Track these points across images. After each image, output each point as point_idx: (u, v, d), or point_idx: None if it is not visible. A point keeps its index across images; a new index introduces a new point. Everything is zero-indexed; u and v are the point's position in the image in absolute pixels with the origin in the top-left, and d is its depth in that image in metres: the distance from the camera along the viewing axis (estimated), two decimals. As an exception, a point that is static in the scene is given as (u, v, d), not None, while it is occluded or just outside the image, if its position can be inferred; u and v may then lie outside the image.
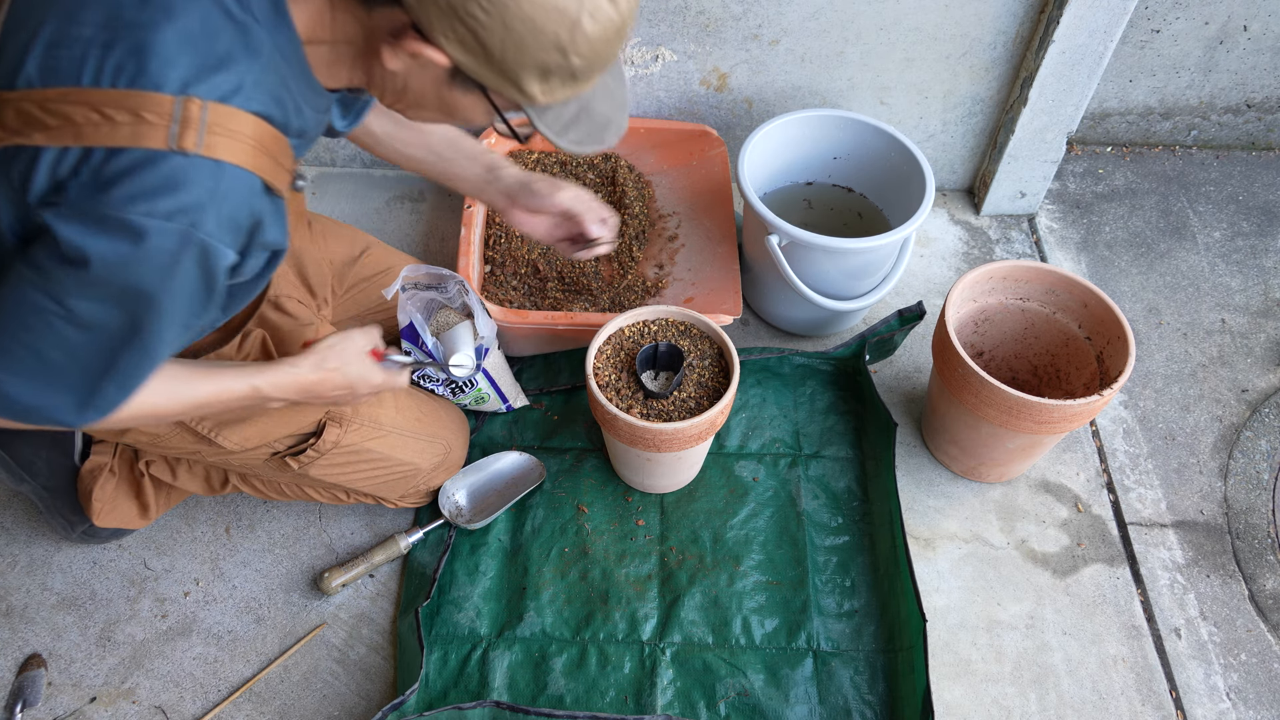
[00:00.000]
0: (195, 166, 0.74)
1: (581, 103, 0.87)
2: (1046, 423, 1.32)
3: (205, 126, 0.74)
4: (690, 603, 1.39)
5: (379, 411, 1.28)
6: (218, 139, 0.75)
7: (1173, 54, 1.96)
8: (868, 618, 1.38)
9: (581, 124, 0.90)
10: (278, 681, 1.33)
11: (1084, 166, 2.10)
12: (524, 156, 1.85)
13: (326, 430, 1.20)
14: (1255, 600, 1.45)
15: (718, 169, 1.83)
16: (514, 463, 1.51)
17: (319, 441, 1.20)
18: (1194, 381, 1.72)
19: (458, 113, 0.89)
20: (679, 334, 1.40)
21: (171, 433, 1.13)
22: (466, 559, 1.43)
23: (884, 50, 1.75)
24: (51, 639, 1.36)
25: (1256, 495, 1.57)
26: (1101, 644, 1.39)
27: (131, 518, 1.39)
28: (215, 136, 0.74)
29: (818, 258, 1.53)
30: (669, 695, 1.30)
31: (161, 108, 0.72)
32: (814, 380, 1.66)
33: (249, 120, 0.77)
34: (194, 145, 0.73)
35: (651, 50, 1.76)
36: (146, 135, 0.72)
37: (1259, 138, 2.14)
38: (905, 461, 1.58)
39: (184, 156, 0.73)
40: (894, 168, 1.68)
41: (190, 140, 0.73)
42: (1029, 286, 1.50)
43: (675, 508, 1.50)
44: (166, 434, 1.14)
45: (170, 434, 1.14)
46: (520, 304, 1.65)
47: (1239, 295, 1.85)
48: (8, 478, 1.32)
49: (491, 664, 1.32)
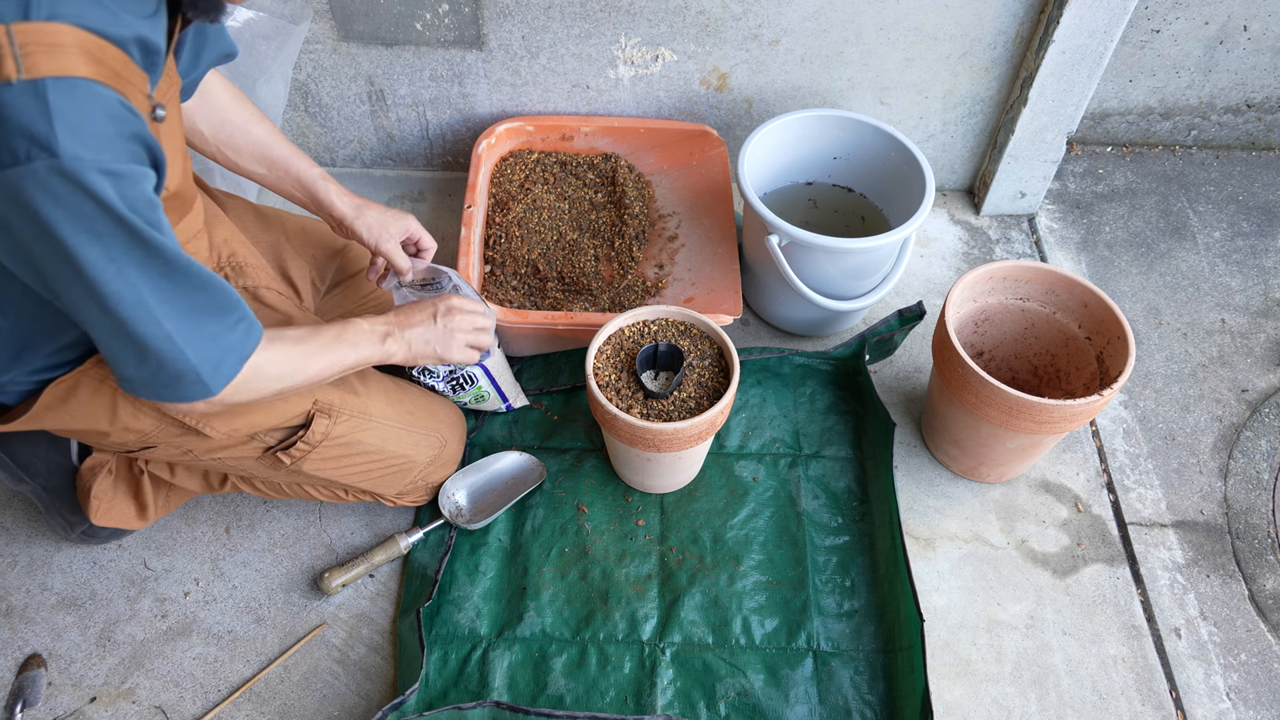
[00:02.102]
0: (23, 92, 0.71)
1: None
2: (1046, 423, 1.32)
3: (18, 48, 0.70)
4: (690, 603, 1.39)
5: (369, 403, 1.28)
6: (36, 57, 0.71)
7: (1173, 54, 1.96)
8: (868, 618, 1.38)
9: None
10: (278, 681, 1.33)
11: (1084, 166, 2.10)
12: (524, 157, 1.85)
13: (315, 421, 1.20)
14: (1255, 600, 1.45)
15: (718, 169, 1.83)
16: (514, 463, 1.51)
17: (308, 433, 1.20)
18: (1194, 381, 1.72)
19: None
20: (679, 334, 1.40)
21: (158, 427, 1.13)
22: (467, 559, 1.43)
23: (884, 50, 1.75)
24: (51, 639, 1.36)
25: (1256, 495, 1.57)
26: (1101, 644, 1.39)
27: (130, 518, 1.38)
28: (33, 56, 0.71)
29: (818, 258, 1.53)
30: (669, 695, 1.30)
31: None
32: (814, 380, 1.66)
33: (66, 30, 0.73)
34: (14, 72, 0.70)
35: (651, 50, 1.76)
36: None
37: (1259, 138, 2.14)
38: (905, 461, 1.58)
39: (8, 87, 0.70)
40: (894, 168, 1.68)
41: (9, 68, 0.70)
42: (1029, 286, 1.50)
43: (675, 508, 1.50)
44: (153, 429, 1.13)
45: (156, 428, 1.13)
46: (520, 304, 1.66)
47: (1239, 295, 1.85)
48: (7, 478, 1.32)
49: (491, 664, 1.32)
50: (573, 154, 1.88)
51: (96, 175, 0.75)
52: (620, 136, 1.86)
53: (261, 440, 1.19)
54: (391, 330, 1.16)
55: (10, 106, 0.71)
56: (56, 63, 0.72)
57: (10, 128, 0.71)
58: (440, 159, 2.01)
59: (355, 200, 1.29)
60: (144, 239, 0.81)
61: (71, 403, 1.06)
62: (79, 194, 0.75)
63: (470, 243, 1.62)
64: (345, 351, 1.10)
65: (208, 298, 0.90)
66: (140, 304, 0.84)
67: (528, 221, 1.74)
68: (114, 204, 0.77)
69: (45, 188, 0.73)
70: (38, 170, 0.72)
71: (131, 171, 0.79)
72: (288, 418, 1.19)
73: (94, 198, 0.76)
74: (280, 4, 1.65)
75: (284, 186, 1.28)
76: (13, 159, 0.72)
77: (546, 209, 1.77)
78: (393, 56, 1.79)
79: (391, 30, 1.74)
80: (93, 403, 1.07)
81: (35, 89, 0.71)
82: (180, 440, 1.16)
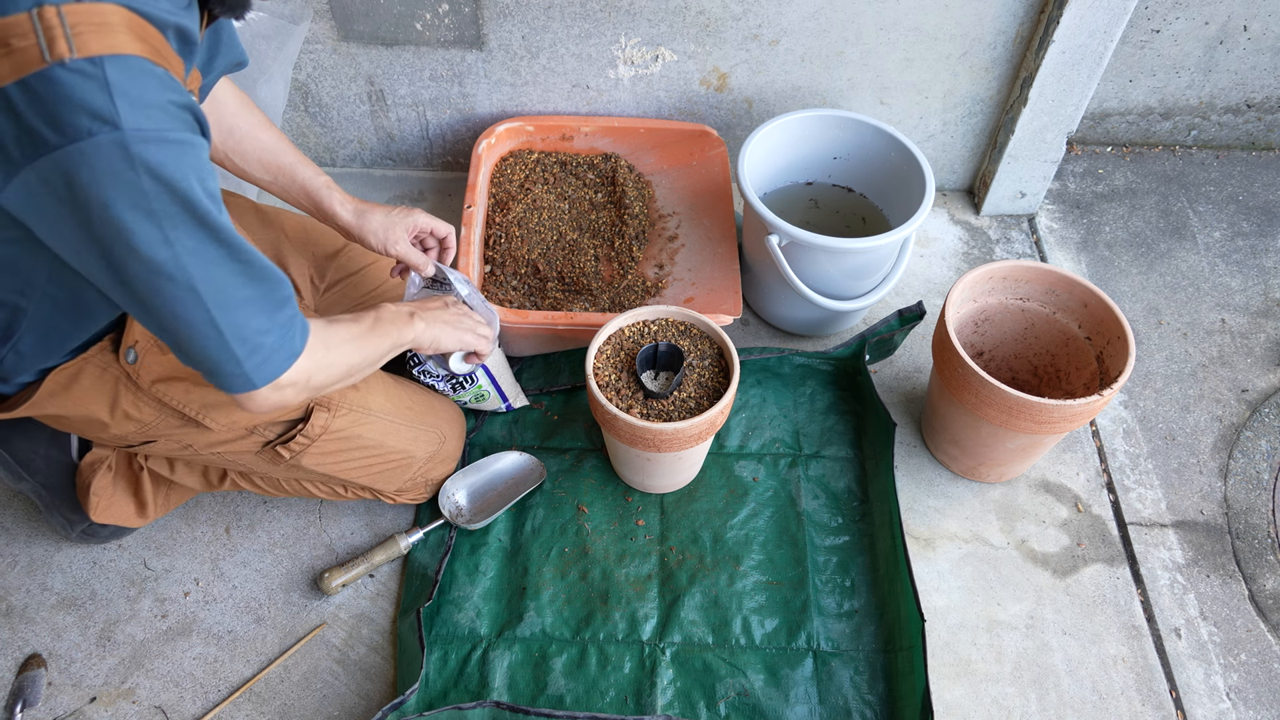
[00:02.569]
0: (80, 70, 0.72)
1: None
2: (1046, 423, 1.32)
3: (70, 28, 0.72)
4: (690, 603, 1.39)
5: (368, 397, 1.28)
6: (87, 36, 0.72)
7: (1173, 54, 1.96)
8: (868, 618, 1.38)
9: None
10: (278, 681, 1.33)
11: (1084, 166, 2.11)
12: (524, 157, 1.85)
13: (314, 415, 1.20)
14: (1255, 600, 1.45)
15: (718, 169, 1.83)
16: (514, 463, 1.51)
17: (307, 427, 1.20)
18: (1194, 381, 1.72)
19: None
20: (679, 334, 1.40)
21: (158, 418, 1.13)
22: (466, 559, 1.43)
23: (884, 50, 1.75)
24: (51, 639, 1.36)
25: (1256, 495, 1.57)
26: (1101, 644, 1.39)
27: (129, 515, 1.38)
28: (83, 35, 0.72)
29: (818, 258, 1.53)
30: (669, 695, 1.30)
31: (22, 28, 0.71)
32: (814, 380, 1.66)
33: (113, 9, 0.75)
34: (67, 50, 0.71)
35: (651, 50, 1.76)
36: (25, 60, 0.71)
37: (1259, 138, 2.14)
38: (905, 461, 1.58)
39: (63, 66, 0.71)
40: (894, 168, 1.68)
41: (61, 47, 0.71)
42: (1029, 286, 1.50)
43: (675, 508, 1.50)
44: (154, 420, 1.13)
45: (157, 419, 1.13)
46: (520, 304, 1.66)
47: (1239, 295, 1.85)
48: (7, 475, 1.32)
49: (491, 664, 1.32)
50: (573, 154, 1.88)
51: (158, 147, 0.76)
52: (620, 136, 1.86)
53: (261, 434, 1.20)
54: (415, 310, 1.20)
55: (69, 84, 0.72)
56: (106, 41, 0.73)
57: (71, 104, 0.72)
58: (440, 159, 2.01)
59: (358, 206, 1.29)
60: (203, 216, 0.81)
61: (74, 390, 1.06)
62: (139, 169, 0.75)
63: (470, 243, 1.62)
64: (388, 332, 1.13)
65: (260, 289, 0.90)
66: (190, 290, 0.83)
67: (528, 221, 1.74)
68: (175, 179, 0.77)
69: (108, 162, 0.74)
70: (101, 144, 0.73)
71: (191, 140, 0.80)
72: (287, 411, 1.19)
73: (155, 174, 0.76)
74: (280, 4, 1.65)
75: (290, 194, 1.28)
76: (75, 134, 0.72)
77: (546, 209, 1.77)
78: (393, 56, 1.79)
79: (391, 30, 1.74)
80: (94, 391, 1.07)
81: (93, 65, 0.72)
82: (180, 433, 1.16)
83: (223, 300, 0.86)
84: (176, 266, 0.81)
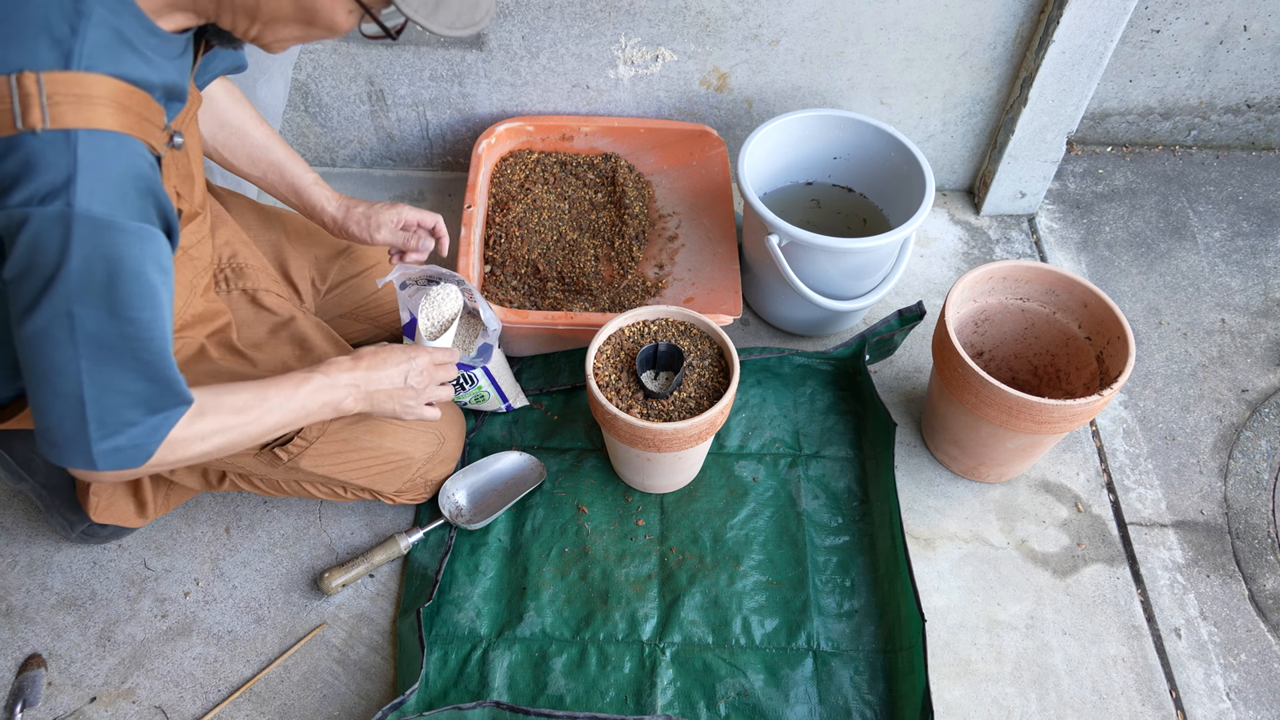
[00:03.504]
0: (47, 142, 0.71)
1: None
2: (1046, 423, 1.32)
3: (46, 98, 0.71)
4: (690, 603, 1.39)
5: None
6: (63, 108, 0.72)
7: (1173, 54, 1.96)
8: (868, 618, 1.38)
9: (450, 5, 0.87)
10: (278, 681, 1.33)
11: (1084, 166, 2.10)
12: (524, 157, 1.85)
13: None
14: (1255, 600, 1.45)
15: (718, 169, 1.83)
16: (514, 463, 1.51)
17: (305, 429, 1.20)
18: (1194, 381, 1.72)
19: (319, 16, 0.86)
20: (679, 334, 1.40)
21: None
22: (466, 559, 1.43)
23: (884, 50, 1.75)
24: (51, 639, 1.36)
25: (1256, 495, 1.57)
26: (1101, 644, 1.39)
27: (129, 515, 1.38)
28: (60, 106, 0.72)
29: (818, 258, 1.53)
30: (669, 695, 1.30)
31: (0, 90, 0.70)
32: (814, 380, 1.66)
33: (98, 80, 0.74)
34: (39, 121, 0.71)
35: (651, 50, 1.76)
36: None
37: (1259, 138, 2.14)
38: (905, 461, 1.58)
39: (34, 135, 0.71)
40: (894, 168, 1.68)
41: (35, 116, 0.71)
42: (1029, 286, 1.50)
43: (675, 508, 1.50)
44: None
45: None
46: (520, 304, 1.66)
47: (1239, 295, 1.85)
48: (7, 476, 1.32)
49: (491, 664, 1.32)
50: (573, 154, 1.88)
51: (101, 231, 0.75)
52: (620, 136, 1.86)
53: None
54: (357, 386, 1.10)
55: (38, 153, 0.71)
56: (83, 114, 0.73)
57: (32, 170, 0.72)
58: (440, 159, 2.01)
59: (343, 201, 1.29)
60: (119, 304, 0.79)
61: None
62: (74, 246, 0.75)
63: (470, 243, 1.62)
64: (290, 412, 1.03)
65: (150, 388, 0.86)
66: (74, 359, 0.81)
67: (528, 221, 1.74)
68: (112, 260, 0.77)
69: (47, 234, 0.74)
70: (49, 213, 0.73)
71: (140, 230, 0.79)
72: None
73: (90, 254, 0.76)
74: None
75: (278, 190, 1.28)
76: (27, 199, 0.72)
77: (546, 209, 1.77)
78: (393, 56, 1.79)
79: (391, 30, 1.74)
80: None
81: (67, 139, 0.72)
82: None
83: (101, 381, 0.83)
84: (69, 335, 0.79)
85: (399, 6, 0.84)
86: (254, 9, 0.84)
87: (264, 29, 0.88)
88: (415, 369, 1.15)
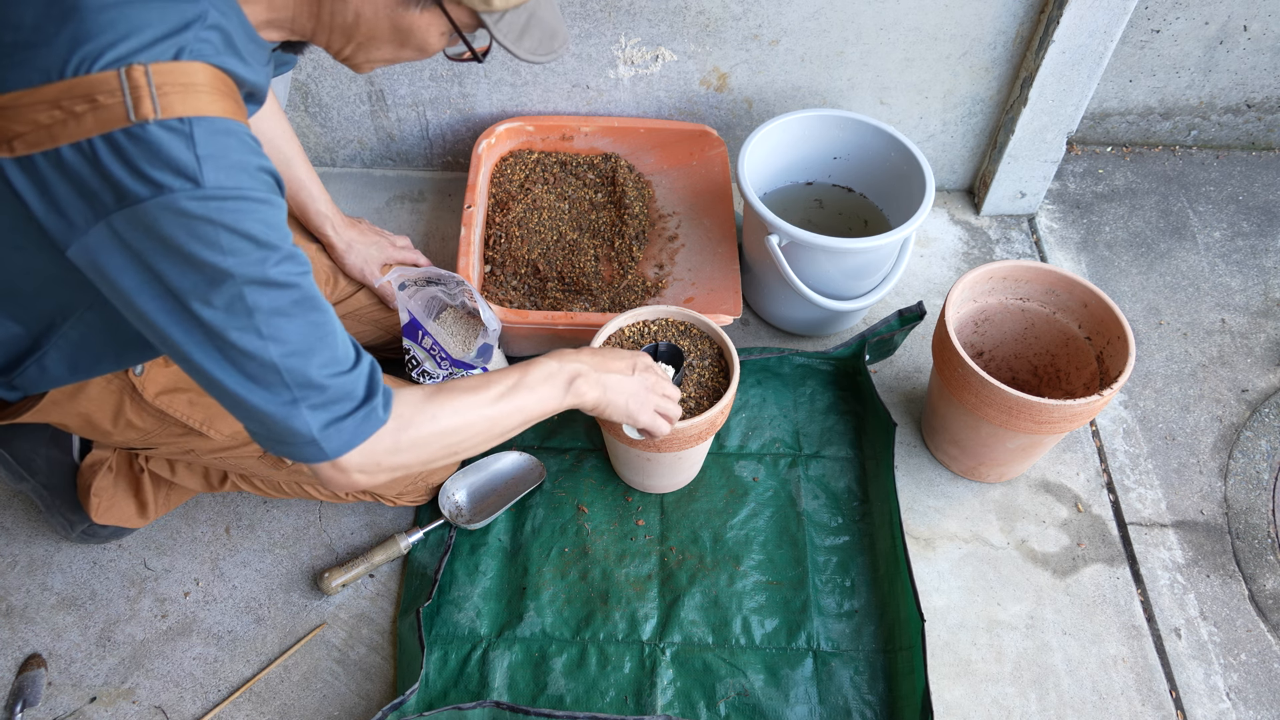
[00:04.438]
0: (164, 128, 0.72)
1: (529, 10, 0.88)
2: (1046, 423, 1.32)
3: (155, 89, 0.72)
4: (690, 603, 1.39)
5: None
6: (172, 97, 0.73)
7: (1173, 54, 1.96)
8: (868, 618, 1.38)
9: (533, 32, 0.89)
10: (278, 681, 1.33)
11: (1084, 166, 2.11)
12: (524, 157, 1.85)
13: None
14: (1255, 600, 1.45)
15: (718, 169, 1.83)
16: (514, 463, 1.51)
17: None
18: (1194, 381, 1.72)
19: (412, 37, 0.87)
20: (679, 334, 1.40)
21: (161, 427, 1.12)
22: (466, 559, 1.43)
23: (884, 50, 1.75)
24: (51, 639, 1.36)
25: (1256, 495, 1.57)
26: (1101, 644, 1.39)
27: (130, 516, 1.38)
28: (169, 96, 0.72)
29: (818, 258, 1.53)
30: (669, 695, 1.30)
31: (109, 85, 0.71)
32: (814, 380, 1.66)
33: (200, 68, 0.75)
34: (151, 112, 0.72)
35: (651, 50, 1.76)
36: (110, 117, 0.71)
37: (1259, 138, 2.14)
38: (905, 461, 1.58)
39: (145, 126, 0.72)
40: (894, 168, 1.68)
41: (146, 108, 0.71)
42: (1029, 286, 1.50)
43: (675, 508, 1.50)
44: (156, 429, 1.13)
45: (159, 428, 1.13)
46: (520, 304, 1.66)
47: (1239, 295, 1.85)
48: (8, 475, 1.32)
49: (491, 664, 1.32)
50: (573, 154, 1.88)
51: (237, 204, 0.76)
52: (620, 136, 1.86)
53: None
54: (583, 371, 1.08)
55: (157, 141, 0.72)
56: (191, 103, 0.74)
57: (158, 160, 0.72)
58: (440, 159, 2.01)
59: (350, 235, 1.40)
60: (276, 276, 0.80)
61: (79, 399, 1.06)
62: (219, 225, 0.75)
63: (470, 243, 1.62)
64: (525, 403, 1.02)
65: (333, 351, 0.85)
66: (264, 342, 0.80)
67: (528, 221, 1.74)
68: (254, 234, 0.77)
69: (189, 217, 0.74)
70: (181, 200, 0.73)
71: (270, 199, 0.79)
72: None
73: (234, 229, 0.76)
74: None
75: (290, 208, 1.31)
76: (158, 189, 0.72)
77: (546, 209, 1.77)
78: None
79: (391, 30, 1.74)
80: (99, 400, 1.07)
81: (182, 124, 0.73)
82: (182, 440, 1.16)
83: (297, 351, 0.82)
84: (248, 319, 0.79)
85: (491, 32, 0.86)
86: (351, 29, 0.86)
87: (358, 49, 0.89)
88: (641, 364, 1.17)
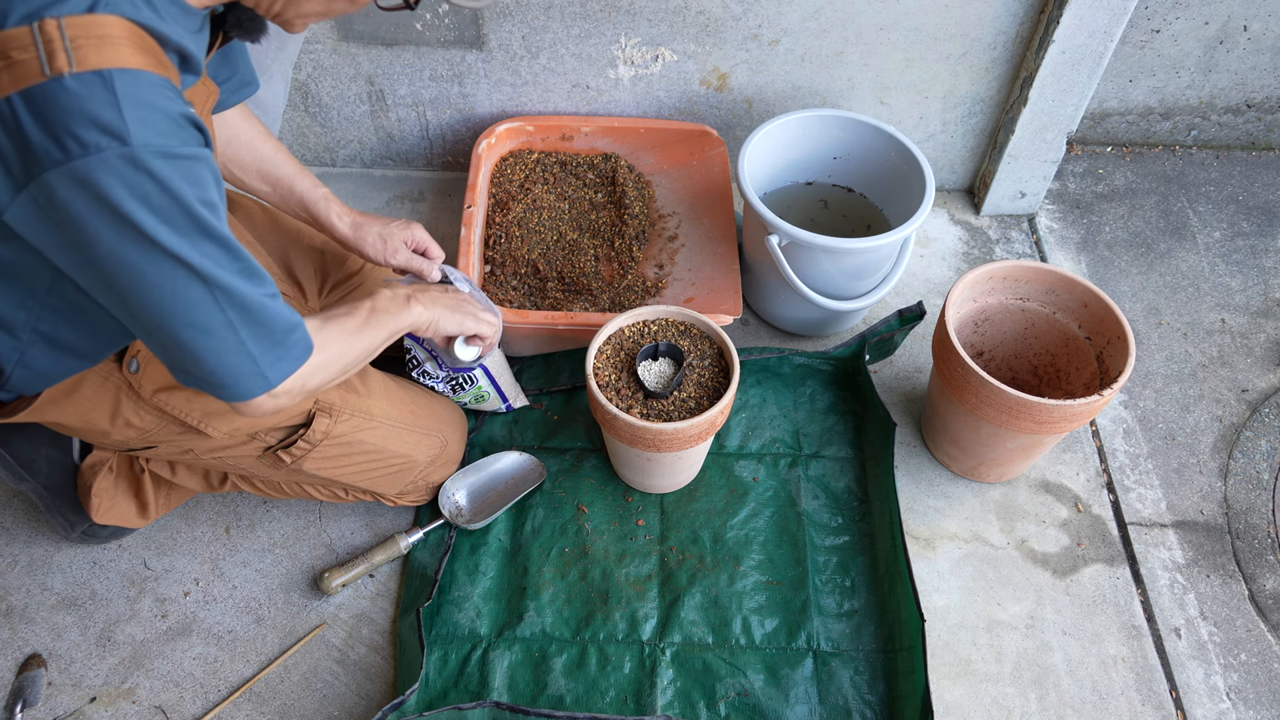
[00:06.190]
0: (82, 83, 0.71)
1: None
2: (1046, 423, 1.32)
3: (70, 41, 0.71)
4: (690, 603, 1.39)
5: (370, 402, 1.28)
6: (87, 50, 0.71)
7: (1173, 54, 1.96)
8: (868, 618, 1.38)
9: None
10: (278, 681, 1.33)
11: (1084, 166, 2.10)
12: (524, 157, 1.85)
13: (316, 420, 1.20)
14: (1255, 600, 1.45)
15: (718, 169, 1.83)
16: (514, 463, 1.51)
17: (309, 432, 1.20)
18: (1194, 381, 1.72)
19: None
20: (679, 334, 1.40)
21: (159, 425, 1.13)
22: (466, 559, 1.43)
23: (884, 50, 1.75)
24: (51, 639, 1.36)
25: (1256, 495, 1.57)
26: (1101, 644, 1.39)
27: (130, 516, 1.38)
28: (84, 49, 0.71)
29: (818, 258, 1.53)
30: (669, 695, 1.30)
31: (22, 40, 0.70)
32: (814, 380, 1.66)
33: (116, 21, 0.74)
34: (66, 65, 0.70)
35: (651, 50, 1.76)
36: (25, 73, 0.70)
37: (1259, 138, 2.14)
38: (905, 461, 1.58)
39: (61, 80, 0.70)
40: (894, 168, 1.68)
41: (61, 61, 0.70)
42: (1029, 286, 1.50)
43: (675, 508, 1.50)
44: (154, 427, 1.13)
45: (158, 427, 1.13)
46: (520, 304, 1.66)
47: (1239, 295, 1.85)
48: (7, 476, 1.32)
49: (491, 664, 1.32)
50: (573, 154, 1.88)
51: (166, 160, 0.75)
52: (620, 136, 1.86)
53: (262, 439, 1.19)
54: (414, 294, 1.16)
55: (77, 96, 0.71)
56: (106, 55, 0.72)
57: (78, 118, 0.71)
58: (440, 159, 2.01)
59: (355, 218, 1.30)
60: (207, 228, 0.80)
61: (75, 398, 1.06)
62: (150, 181, 0.75)
63: (470, 243, 1.62)
64: (384, 322, 1.09)
65: (266, 292, 0.89)
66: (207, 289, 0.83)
67: (528, 221, 1.74)
68: (181, 191, 0.77)
69: (120, 175, 0.73)
70: (110, 158, 0.72)
71: (197, 154, 0.79)
72: (289, 416, 1.19)
73: (164, 186, 0.76)
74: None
75: (288, 205, 1.29)
76: (82, 149, 0.71)
77: (546, 209, 1.77)
78: (393, 56, 1.79)
79: (391, 30, 1.74)
80: (95, 399, 1.07)
81: (102, 79, 0.72)
82: (181, 439, 1.16)
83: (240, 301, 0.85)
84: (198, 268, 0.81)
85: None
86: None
87: (288, 4, 0.88)
88: (451, 289, 1.24)
